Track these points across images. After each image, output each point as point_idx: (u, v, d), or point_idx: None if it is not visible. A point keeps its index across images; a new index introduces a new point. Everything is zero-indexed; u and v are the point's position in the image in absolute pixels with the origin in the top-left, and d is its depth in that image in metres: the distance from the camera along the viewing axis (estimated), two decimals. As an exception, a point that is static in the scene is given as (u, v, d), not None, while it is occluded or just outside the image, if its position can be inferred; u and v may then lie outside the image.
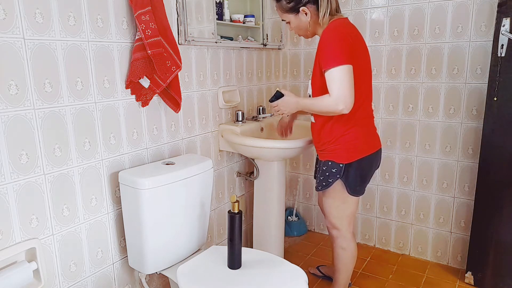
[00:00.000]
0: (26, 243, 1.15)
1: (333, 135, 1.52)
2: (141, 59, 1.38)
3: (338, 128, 1.51)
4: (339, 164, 1.52)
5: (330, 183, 1.55)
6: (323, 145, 1.57)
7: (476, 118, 1.99)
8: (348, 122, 1.49)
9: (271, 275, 1.31)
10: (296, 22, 1.52)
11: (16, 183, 1.12)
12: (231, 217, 1.33)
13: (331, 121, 1.51)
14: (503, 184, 1.80)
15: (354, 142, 1.51)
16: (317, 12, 1.46)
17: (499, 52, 1.72)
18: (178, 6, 1.59)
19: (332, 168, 1.54)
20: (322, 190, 1.60)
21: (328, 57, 1.37)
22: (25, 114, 1.12)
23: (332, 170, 1.54)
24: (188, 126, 1.74)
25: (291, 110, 1.58)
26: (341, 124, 1.50)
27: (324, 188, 1.58)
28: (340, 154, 1.52)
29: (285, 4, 1.50)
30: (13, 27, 1.06)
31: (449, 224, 2.17)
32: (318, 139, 1.60)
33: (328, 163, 1.55)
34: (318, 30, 1.52)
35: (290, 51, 2.49)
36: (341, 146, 1.51)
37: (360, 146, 1.52)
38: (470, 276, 1.99)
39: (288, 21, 1.54)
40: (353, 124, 1.50)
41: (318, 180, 1.61)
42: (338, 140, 1.52)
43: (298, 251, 2.40)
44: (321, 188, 1.60)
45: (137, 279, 1.58)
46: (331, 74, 1.35)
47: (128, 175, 1.35)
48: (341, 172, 1.52)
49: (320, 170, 1.59)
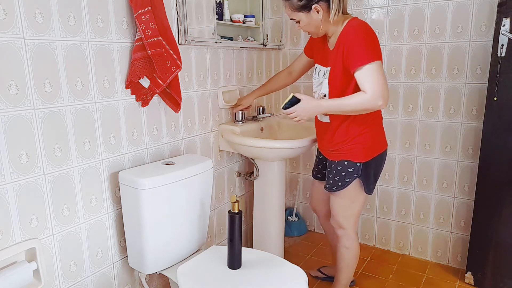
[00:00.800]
0: (26, 243, 1.15)
1: (349, 134, 1.53)
2: (141, 59, 1.38)
3: (354, 127, 1.52)
4: (356, 163, 1.53)
5: (347, 183, 1.55)
6: (337, 145, 1.57)
7: (476, 118, 1.99)
8: (364, 122, 1.52)
9: (271, 275, 1.31)
10: (307, 21, 1.48)
11: (16, 183, 1.12)
12: (231, 217, 1.33)
13: (347, 121, 1.52)
14: (503, 184, 1.80)
15: (370, 141, 1.54)
16: (328, 10, 1.45)
17: (499, 52, 1.72)
18: (178, 6, 1.59)
19: (349, 167, 1.54)
20: (338, 190, 1.58)
21: (361, 54, 1.37)
22: (25, 114, 1.12)
23: (349, 169, 1.54)
24: (188, 126, 1.74)
25: (311, 115, 1.50)
26: (358, 124, 1.52)
27: (340, 188, 1.57)
28: (358, 153, 1.53)
29: (296, 2, 1.46)
30: (13, 27, 1.06)
31: (449, 224, 2.17)
32: (330, 140, 1.59)
33: (344, 163, 1.55)
34: (329, 28, 1.50)
35: (290, 51, 2.49)
36: (358, 145, 1.52)
37: (375, 144, 1.56)
38: (470, 276, 1.99)
39: (298, 20, 1.50)
40: (369, 124, 1.53)
41: (331, 180, 1.59)
42: (354, 139, 1.52)
43: (298, 251, 2.40)
44: (336, 189, 1.58)
45: (137, 279, 1.58)
46: (367, 70, 1.36)
47: (128, 175, 1.35)
48: (359, 171, 1.54)
49: (334, 170, 1.58)
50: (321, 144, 1.68)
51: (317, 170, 1.81)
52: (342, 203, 1.62)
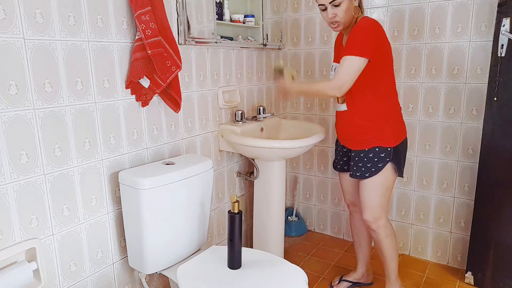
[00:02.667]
0: (26, 243, 1.15)
1: (376, 121, 1.58)
2: (141, 59, 1.38)
3: (379, 114, 1.58)
4: (387, 148, 1.58)
5: (380, 167, 1.59)
6: (361, 134, 1.60)
7: (476, 118, 1.99)
8: (390, 109, 1.60)
9: (271, 275, 1.31)
10: (347, 6, 1.49)
11: (16, 183, 1.12)
12: (231, 217, 1.33)
13: (371, 108, 1.57)
14: (503, 184, 1.80)
15: (396, 126, 1.62)
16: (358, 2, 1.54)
17: (499, 52, 1.72)
18: (178, 6, 1.59)
19: (380, 153, 1.59)
20: (372, 176, 1.61)
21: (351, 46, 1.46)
22: (25, 114, 1.12)
23: (381, 155, 1.59)
24: (188, 126, 1.74)
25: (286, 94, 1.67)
26: (383, 111, 1.58)
27: (374, 173, 1.60)
28: (387, 138, 1.58)
29: None
30: (13, 27, 1.06)
31: (449, 224, 2.17)
32: (351, 129, 1.63)
33: (375, 150, 1.59)
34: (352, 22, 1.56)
35: (290, 51, 2.49)
36: (387, 131, 1.58)
37: (400, 129, 1.64)
38: (470, 276, 1.99)
39: (339, 3, 1.47)
40: (394, 110, 1.62)
41: (363, 168, 1.62)
42: (383, 126, 1.58)
43: (298, 251, 2.40)
44: (369, 175, 1.61)
45: (137, 279, 1.58)
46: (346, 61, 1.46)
47: (128, 175, 1.35)
48: (391, 155, 1.59)
49: (365, 158, 1.61)
50: (344, 135, 1.70)
51: (343, 163, 1.81)
52: (376, 192, 1.64)
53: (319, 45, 2.38)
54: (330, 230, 2.60)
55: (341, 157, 1.81)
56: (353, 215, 1.93)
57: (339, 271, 2.16)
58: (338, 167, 1.84)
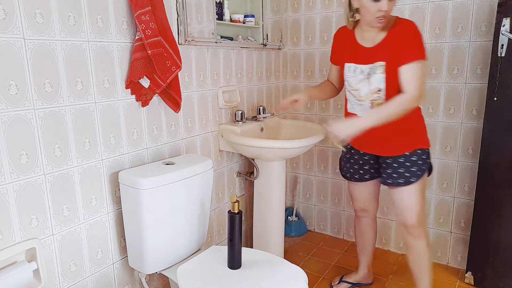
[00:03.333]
0: (26, 243, 1.15)
1: (409, 124, 1.54)
2: (141, 59, 1.38)
3: (416, 115, 1.56)
4: (427, 150, 1.58)
5: (425, 170, 1.57)
6: (396, 137, 1.55)
7: (476, 118, 1.99)
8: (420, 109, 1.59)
9: (271, 275, 1.31)
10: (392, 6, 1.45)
11: (16, 183, 1.12)
12: (231, 217, 1.33)
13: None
14: (503, 184, 1.80)
15: (424, 127, 1.61)
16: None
17: (499, 52, 1.72)
18: (178, 6, 1.59)
19: (423, 154, 1.56)
20: (418, 180, 1.55)
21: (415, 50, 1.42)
22: (25, 114, 1.12)
23: (423, 156, 1.56)
24: (188, 126, 1.74)
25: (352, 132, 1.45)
26: (417, 111, 1.57)
27: (420, 177, 1.55)
28: (424, 139, 1.58)
29: None
30: (13, 27, 1.06)
31: (449, 224, 2.17)
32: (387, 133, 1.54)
33: (418, 152, 1.55)
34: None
35: (290, 51, 2.49)
36: (422, 132, 1.59)
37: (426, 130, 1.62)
38: (470, 276, 1.99)
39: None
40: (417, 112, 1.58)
41: (406, 173, 1.55)
42: (417, 127, 1.58)
43: (298, 251, 2.40)
44: (416, 179, 1.55)
45: (137, 279, 1.58)
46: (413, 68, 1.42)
47: (128, 175, 1.35)
48: (429, 156, 1.59)
49: (407, 162, 1.55)
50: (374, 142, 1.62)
51: (364, 172, 1.74)
52: (417, 197, 1.58)
53: (319, 45, 2.38)
54: (330, 230, 2.60)
55: (360, 166, 1.73)
56: (360, 220, 1.90)
57: (339, 271, 2.16)
58: (356, 176, 1.76)
